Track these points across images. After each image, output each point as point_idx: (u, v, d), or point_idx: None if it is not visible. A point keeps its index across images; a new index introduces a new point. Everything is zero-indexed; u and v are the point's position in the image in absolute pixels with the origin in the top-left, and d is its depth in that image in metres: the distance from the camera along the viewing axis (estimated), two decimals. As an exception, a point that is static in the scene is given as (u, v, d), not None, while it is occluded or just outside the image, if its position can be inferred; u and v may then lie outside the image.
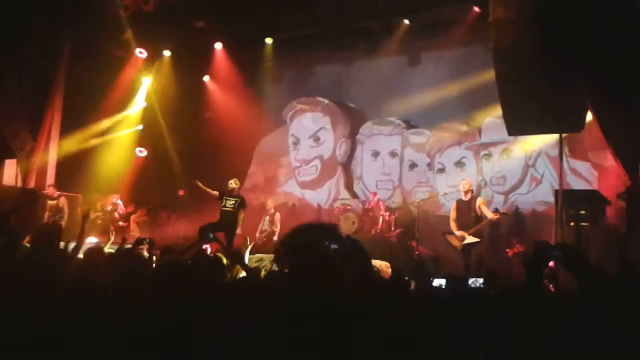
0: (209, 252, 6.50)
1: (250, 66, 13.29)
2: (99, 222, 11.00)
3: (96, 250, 4.42)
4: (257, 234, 10.69)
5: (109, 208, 11.08)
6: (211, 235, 6.30)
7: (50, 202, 10.44)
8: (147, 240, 5.57)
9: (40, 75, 10.68)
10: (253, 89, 13.30)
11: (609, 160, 8.25)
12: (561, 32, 5.79)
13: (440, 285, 4.36)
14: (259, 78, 13.50)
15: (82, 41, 11.25)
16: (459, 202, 8.66)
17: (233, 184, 9.61)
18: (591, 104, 6.46)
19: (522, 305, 1.95)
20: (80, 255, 4.69)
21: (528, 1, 6.05)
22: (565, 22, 5.76)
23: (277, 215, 10.83)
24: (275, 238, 10.53)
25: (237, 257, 4.73)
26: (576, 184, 10.01)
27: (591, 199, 7.66)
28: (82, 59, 11.23)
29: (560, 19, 5.76)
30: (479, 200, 8.57)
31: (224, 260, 4.93)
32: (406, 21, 11.52)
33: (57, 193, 10.50)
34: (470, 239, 8.23)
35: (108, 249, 5.85)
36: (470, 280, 3.89)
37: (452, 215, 8.64)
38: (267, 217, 10.91)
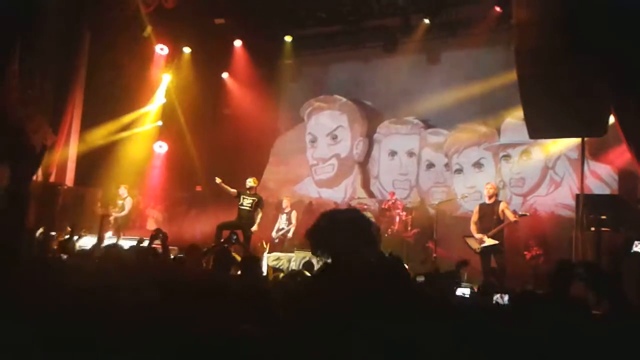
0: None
1: (269, 64, 13.33)
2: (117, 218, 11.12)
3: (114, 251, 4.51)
4: (274, 233, 10.70)
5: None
6: (235, 237, 6.33)
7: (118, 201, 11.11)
8: (162, 234, 5.63)
9: (61, 71, 10.75)
10: (271, 87, 13.34)
11: (630, 164, 8.14)
12: (585, 35, 5.73)
13: (464, 294, 4.33)
14: (277, 75, 13.51)
15: (102, 37, 11.33)
16: (482, 206, 8.59)
17: (251, 182, 9.62)
18: (614, 107, 6.38)
19: (548, 323, 1.94)
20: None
21: (552, 3, 6.00)
22: (590, 25, 5.69)
23: (294, 213, 10.81)
24: (290, 236, 10.54)
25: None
26: (596, 186, 9.88)
27: (613, 204, 7.57)
28: (102, 55, 11.32)
29: (585, 22, 5.70)
30: (502, 204, 8.48)
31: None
32: (426, 20, 11.47)
33: (125, 192, 11.15)
34: (489, 242, 8.18)
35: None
36: (496, 297, 3.84)
37: (474, 218, 8.57)
38: (284, 215, 10.90)
